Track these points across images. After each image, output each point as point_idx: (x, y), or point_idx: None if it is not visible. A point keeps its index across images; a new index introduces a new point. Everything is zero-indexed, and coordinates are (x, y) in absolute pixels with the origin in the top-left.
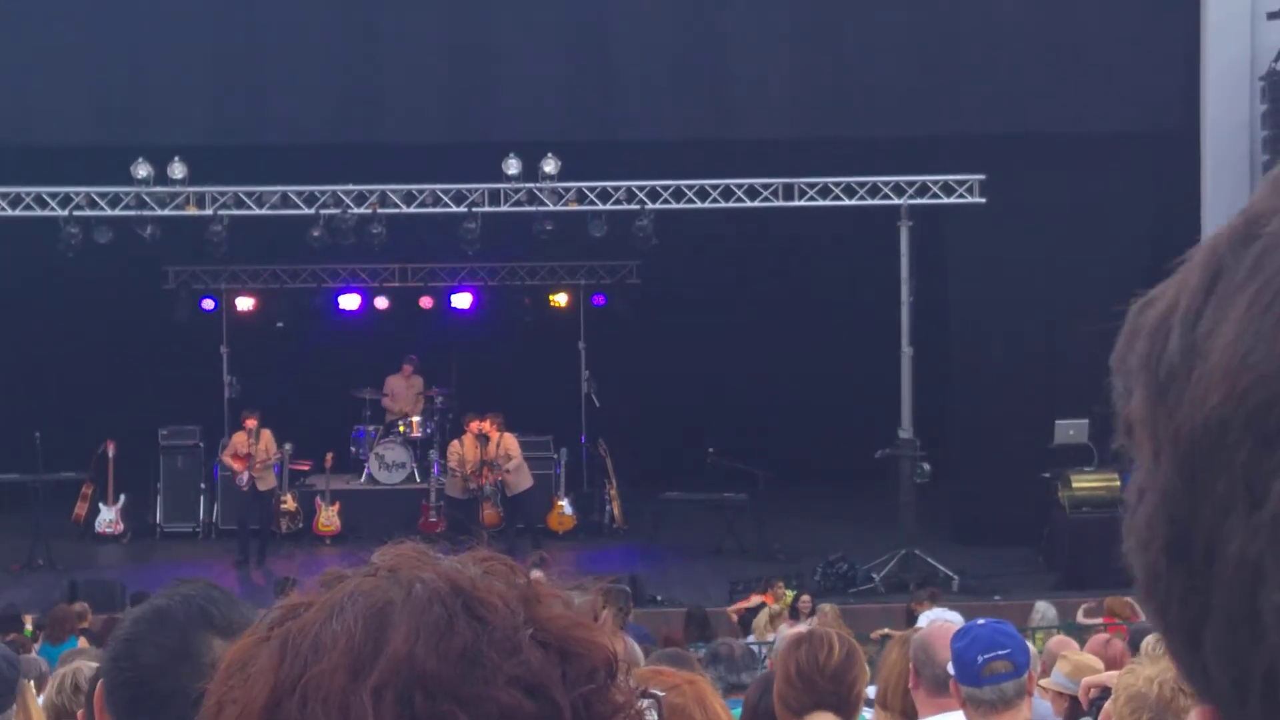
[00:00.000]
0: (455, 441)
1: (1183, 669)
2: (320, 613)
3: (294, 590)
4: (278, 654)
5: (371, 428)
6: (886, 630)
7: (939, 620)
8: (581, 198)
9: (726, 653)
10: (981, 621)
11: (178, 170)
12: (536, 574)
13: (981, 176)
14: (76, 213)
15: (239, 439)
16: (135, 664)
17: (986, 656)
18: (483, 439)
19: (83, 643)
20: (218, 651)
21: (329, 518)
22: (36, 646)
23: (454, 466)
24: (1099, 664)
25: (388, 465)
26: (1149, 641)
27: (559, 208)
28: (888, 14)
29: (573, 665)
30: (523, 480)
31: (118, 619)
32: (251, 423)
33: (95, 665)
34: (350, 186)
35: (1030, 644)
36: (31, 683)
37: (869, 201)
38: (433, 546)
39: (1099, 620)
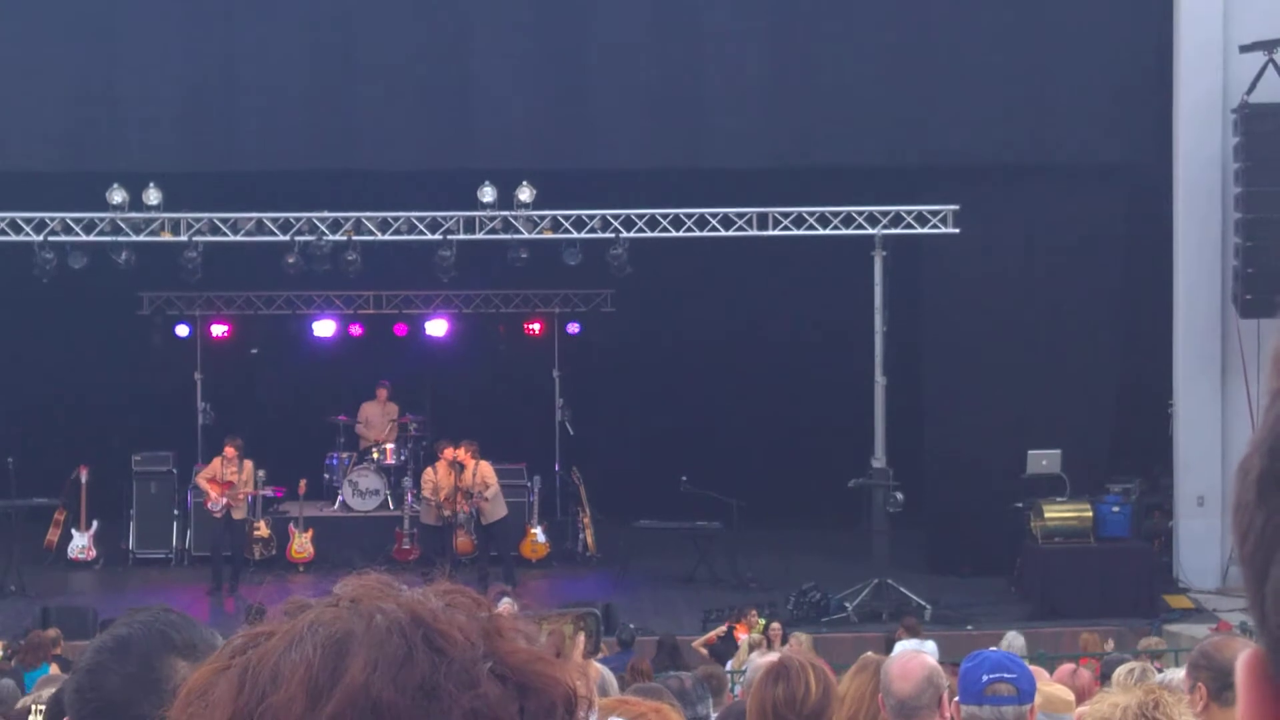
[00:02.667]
0: (429, 469)
1: (1250, 606)
2: (280, 642)
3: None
4: (237, 682)
5: (345, 454)
6: (870, 655)
7: (909, 650)
8: (556, 226)
9: (676, 686)
10: (994, 649)
11: (153, 196)
12: (507, 603)
13: (955, 207)
14: (51, 238)
15: (216, 463)
16: (100, 694)
17: (991, 677)
18: (458, 466)
19: (55, 669)
20: (182, 674)
21: (302, 545)
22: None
23: (428, 495)
24: (1069, 694)
25: (361, 492)
26: (1120, 672)
27: (534, 236)
28: (862, 45)
29: (531, 700)
30: (498, 509)
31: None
32: (231, 451)
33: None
34: (325, 213)
35: None
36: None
37: (843, 231)
38: (403, 575)
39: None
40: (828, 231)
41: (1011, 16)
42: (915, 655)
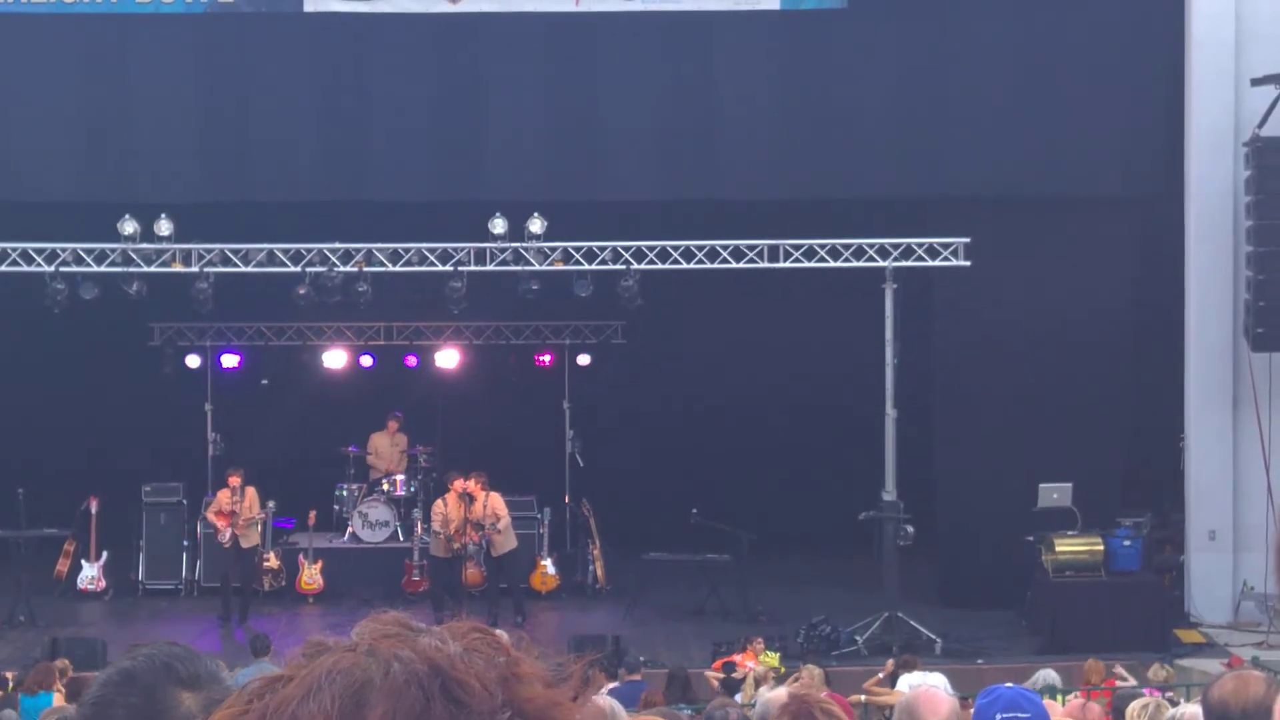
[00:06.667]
0: (439, 501)
1: None
2: (298, 689)
3: (269, 647)
4: None
5: (355, 486)
6: (870, 685)
7: (923, 685)
8: (567, 258)
9: (721, 717)
10: (1009, 685)
11: (164, 227)
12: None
13: (966, 239)
14: (62, 269)
15: (223, 496)
16: None
17: (1005, 716)
18: (467, 498)
19: (60, 699)
20: (186, 705)
21: (312, 576)
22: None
23: (438, 527)
24: None
25: (371, 524)
26: (1134, 707)
27: (544, 267)
28: (874, 78)
29: None
30: (508, 541)
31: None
32: (235, 480)
33: None
34: (336, 245)
35: None
36: None
37: (854, 264)
38: (416, 609)
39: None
40: (839, 264)
41: (1022, 49)
42: (937, 690)
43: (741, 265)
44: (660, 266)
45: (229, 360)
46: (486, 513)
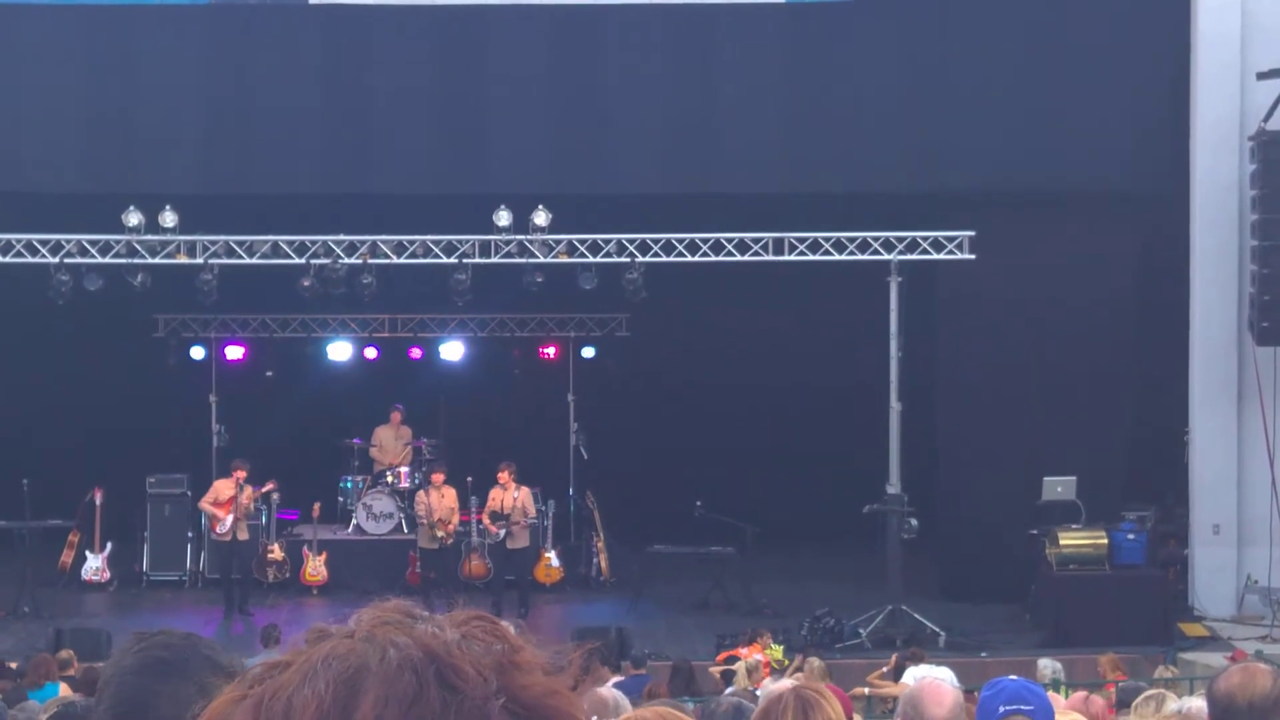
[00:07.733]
0: (420, 493)
1: None
2: (296, 675)
3: (279, 638)
4: (251, 714)
5: (359, 478)
6: (873, 678)
7: (928, 678)
8: (572, 250)
9: (715, 707)
10: (1013, 677)
11: (169, 219)
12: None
13: (971, 233)
14: (67, 260)
15: (223, 486)
16: (146, 717)
17: (1008, 708)
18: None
19: (65, 690)
20: None
21: (316, 568)
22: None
23: (422, 514)
24: None
25: (375, 515)
26: (1138, 701)
27: (549, 260)
28: (879, 72)
29: None
30: (525, 536)
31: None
32: (241, 474)
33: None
34: (341, 237)
35: None
36: None
37: (859, 256)
38: (417, 599)
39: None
40: (843, 257)
41: (1027, 43)
42: (942, 682)
43: (746, 258)
44: (665, 259)
45: (233, 352)
46: (516, 505)
